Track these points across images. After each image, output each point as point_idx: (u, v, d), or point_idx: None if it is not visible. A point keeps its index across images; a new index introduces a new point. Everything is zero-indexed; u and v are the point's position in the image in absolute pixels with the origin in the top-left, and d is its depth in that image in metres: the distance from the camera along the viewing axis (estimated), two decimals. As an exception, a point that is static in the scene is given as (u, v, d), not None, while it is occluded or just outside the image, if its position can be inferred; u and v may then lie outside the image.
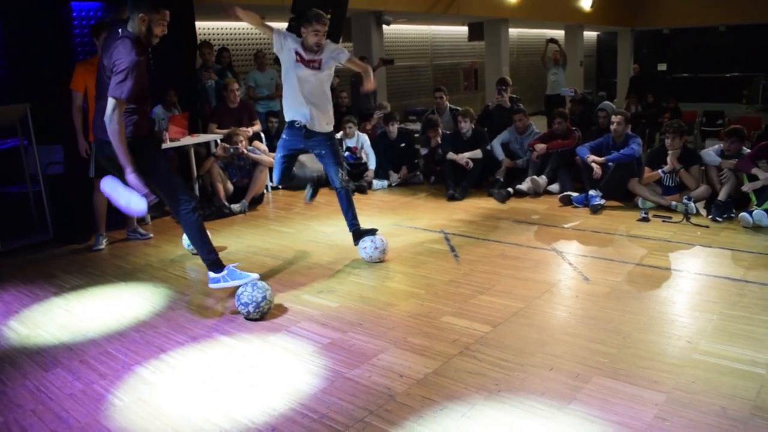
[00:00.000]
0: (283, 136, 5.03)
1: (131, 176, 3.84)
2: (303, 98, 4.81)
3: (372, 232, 5.16)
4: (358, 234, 5.17)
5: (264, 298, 3.95)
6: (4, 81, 6.40)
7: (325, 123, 4.97)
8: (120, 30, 3.86)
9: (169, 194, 4.11)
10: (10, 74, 6.38)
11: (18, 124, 5.95)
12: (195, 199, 4.24)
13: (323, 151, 5.01)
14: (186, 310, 4.24)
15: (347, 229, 5.28)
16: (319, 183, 5.42)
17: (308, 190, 5.52)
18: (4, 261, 5.57)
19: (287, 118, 4.97)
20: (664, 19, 19.29)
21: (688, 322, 3.70)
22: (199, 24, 8.70)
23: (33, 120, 5.87)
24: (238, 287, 4.05)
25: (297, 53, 4.78)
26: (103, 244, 5.83)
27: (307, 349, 3.54)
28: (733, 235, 5.45)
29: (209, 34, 10.92)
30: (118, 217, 5.94)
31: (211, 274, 4.23)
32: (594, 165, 6.63)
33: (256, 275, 4.25)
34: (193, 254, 5.21)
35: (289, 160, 5.11)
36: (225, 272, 4.22)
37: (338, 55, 4.85)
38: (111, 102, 3.75)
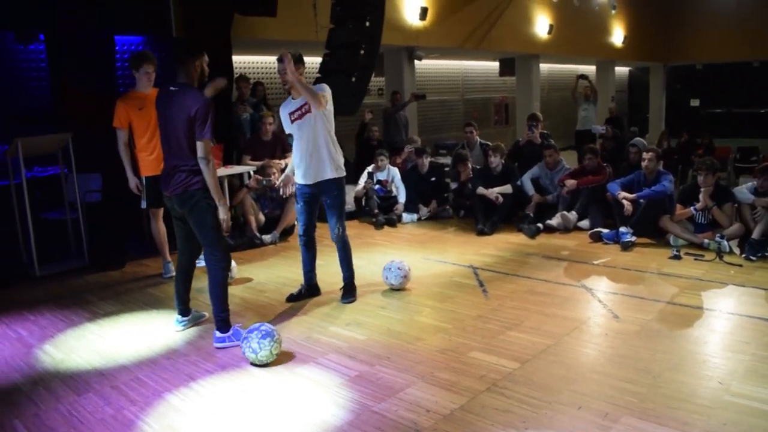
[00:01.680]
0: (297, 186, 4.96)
1: (222, 210, 4.08)
2: (303, 151, 4.78)
3: (350, 297, 5.03)
4: (346, 289, 5.08)
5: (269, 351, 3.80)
6: (49, 111, 6.63)
7: (330, 169, 4.82)
8: (174, 87, 4.07)
9: (209, 242, 4.14)
10: (53, 104, 6.61)
11: (60, 152, 6.16)
12: (229, 259, 4.29)
13: (329, 201, 4.89)
14: (216, 339, 4.30)
15: (377, 263, 5.32)
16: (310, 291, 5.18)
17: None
18: (41, 286, 5.73)
19: (298, 182, 4.93)
20: (697, 54, 19.22)
21: (719, 362, 3.64)
22: (235, 58, 8.94)
23: (74, 149, 6.06)
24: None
25: (289, 115, 4.82)
26: (173, 271, 5.59)
27: (334, 382, 3.56)
28: (767, 274, 5.36)
29: (245, 68, 11.19)
30: (150, 245, 6.07)
31: (218, 333, 4.17)
32: (625, 201, 6.59)
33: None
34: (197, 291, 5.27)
35: (310, 207, 4.96)
36: (231, 332, 4.17)
37: (318, 89, 4.74)
38: (201, 145, 3.96)
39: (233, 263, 5.32)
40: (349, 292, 5.07)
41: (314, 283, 5.18)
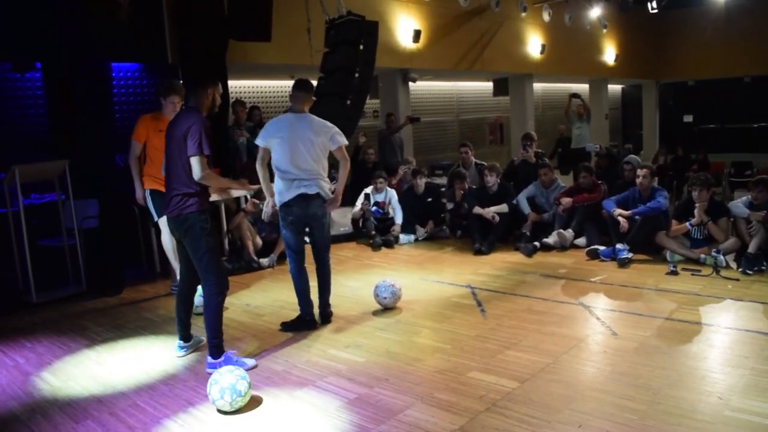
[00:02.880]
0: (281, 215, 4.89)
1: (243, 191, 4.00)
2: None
3: (310, 325, 4.93)
4: (322, 317, 5.06)
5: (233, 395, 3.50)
6: (46, 137, 6.67)
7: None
8: (180, 111, 4.19)
9: (203, 267, 4.11)
10: (51, 131, 6.65)
11: (57, 179, 6.18)
12: (225, 285, 4.20)
13: (318, 224, 4.88)
14: (214, 363, 4.28)
15: (373, 284, 5.39)
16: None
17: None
18: (38, 312, 5.71)
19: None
20: (689, 71, 19.37)
21: (719, 377, 3.64)
22: (231, 83, 9.00)
23: (71, 176, 6.08)
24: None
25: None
26: None
27: (333, 405, 3.55)
28: (764, 288, 5.37)
29: (241, 93, 11.26)
30: (147, 271, 6.07)
31: (210, 359, 4.13)
32: (621, 218, 6.62)
33: (253, 362, 4.17)
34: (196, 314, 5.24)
35: (297, 231, 4.88)
36: (222, 359, 4.10)
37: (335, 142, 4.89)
38: (195, 161, 3.94)
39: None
40: (324, 316, 5.07)
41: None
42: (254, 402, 3.63)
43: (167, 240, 5.68)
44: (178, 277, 5.89)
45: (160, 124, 5.53)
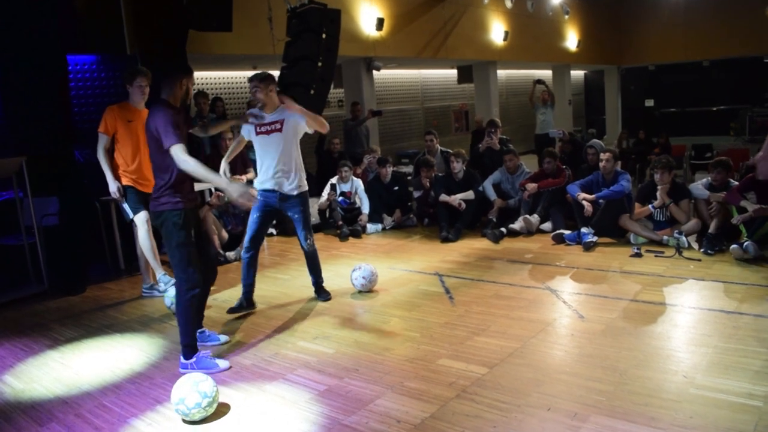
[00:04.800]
0: (258, 197, 5.00)
1: (232, 188, 3.90)
2: (268, 166, 4.96)
3: (327, 295, 5.36)
4: (318, 290, 5.41)
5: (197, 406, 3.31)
6: (1, 134, 6.48)
7: (294, 186, 5.02)
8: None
9: (175, 262, 4.00)
10: (6, 126, 6.46)
11: (14, 176, 6.01)
12: (195, 282, 4.01)
13: (296, 216, 5.09)
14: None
15: (343, 275, 5.39)
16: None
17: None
18: (-2, 315, 5.57)
19: (259, 188, 5.04)
20: (649, 56, 19.69)
21: (683, 356, 3.71)
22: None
23: (29, 172, 5.92)
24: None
25: (255, 126, 4.95)
26: (170, 280, 5.45)
27: (303, 397, 3.53)
28: (725, 267, 5.49)
29: (204, 84, 11.09)
30: (111, 268, 5.97)
31: (182, 359, 4.04)
32: (585, 202, 6.70)
33: (226, 364, 4.06)
34: (173, 313, 5.18)
35: (264, 220, 5.10)
36: (194, 359, 4.01)
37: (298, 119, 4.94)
38: (175, 150, 3.77)
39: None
40: (324, 291, 5.37)
41: (252, 297, 5.16)
42: (223, 397, 3.59)
43: (145, 237, 5.57)
44: (151, 279, 5.82)
45: (129, 114, 5.46)
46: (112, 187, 5.49)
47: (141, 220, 5.53)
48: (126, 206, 5.59)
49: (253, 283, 5.14)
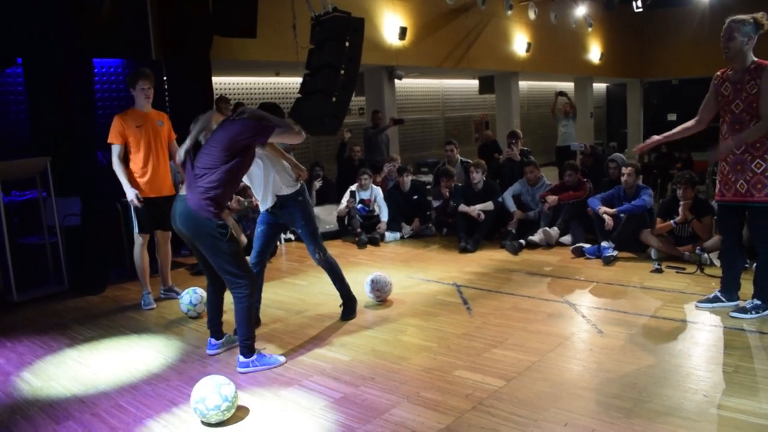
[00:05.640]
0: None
1: None
2: (257, 186, 4.68)
3: (349, 314, 5.05)
4: (344, 304, 5.10)
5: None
6: (26, 134, 6.57)
7: (279, 187, 4.66)
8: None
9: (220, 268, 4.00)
10: (31, 128, 6.55)
11: (38, 176, 6.09)
12: (255, 278, 4.09)
13: (300, 230, 4.79)
14: (198, 363, 4.24)
15: (360, 282, 5.41)
16: None
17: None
18: (19, 311, 5.63)
19: (262, 209, 4.82)
20: (672, 70, 19.51)
21: (704, 375, 3.65)
22: (215, 79, 8.93)
23: (52, 173, 6.00)
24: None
25: None
26: (153, 302, 5.62)
27: (318, 404, 3.52)
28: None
29: (225, 89, 11.18)
30: (131, 269, 5.99)
31: (241, 358, 4.07)
32: (606, 216, 6.65)
33: (283, 359, 4.15)
34: (190, 318, 5.23)
35: (270, 232, 4.83)
36: (254, 357, 4.07)
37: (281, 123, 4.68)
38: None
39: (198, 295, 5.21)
40: (347, 309, 5.06)
41: (257, 314, 4.92)
42: (239, 402, 3.60)
43: (139, 256, 5.58)
44: (169, 281, 5.85)
45: (137, 118, 5.41)
46: (130, 195, 5.37)
47: (139, 241, 5.57)
48: (135, 217, 5.50)
49: (259, 299, 4.83)
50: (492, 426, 3.16)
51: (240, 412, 3.47)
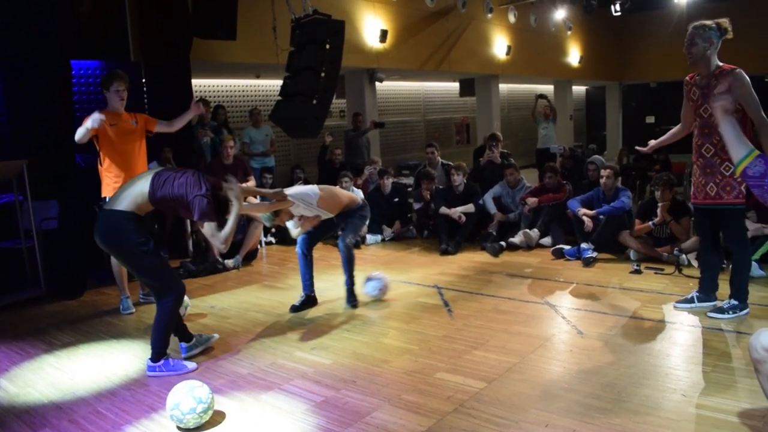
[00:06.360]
0: None
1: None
2: None
3: (352, 303, 5.40)
4: (348, 293, 5.46)
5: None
6: (2, 136, 6.48)
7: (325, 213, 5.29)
8: None
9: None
10: (8, 130, 6.46)
11: (14, 179, 6.01)
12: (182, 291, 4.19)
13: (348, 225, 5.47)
14: (178, 367, 4.20)
15: (341, 285, 5.42)
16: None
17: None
18: (-5, 318, 5.54)
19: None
20: (651, 73, 19.72)
21: (683, 375, 3.69)
22: (195, 82, 8.87)
23: (29, 175, 5.91)
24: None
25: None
26: (132, 307, 5.56)
27: (299, 408, 3.51)
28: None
29: (206, 92, 11.11)
30: (109, 273, 5.94)
31: (150, 362, 4.08)
32: (585, 218, 6.70)
33: (193, 365, 4.14)
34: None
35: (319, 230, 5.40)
36: (161, 362, 4.08)
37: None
38: None
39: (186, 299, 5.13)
40: (352, 296, 5.42)
41: (313, 294, 5.46)
42: (218, 406, 3.57)
43: (116, 262, 5.47)
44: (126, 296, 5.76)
45: (110, 118, 5.22)
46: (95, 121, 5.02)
47: None
48: None
49: (311, 277, 5.44)
50: (473, 428, 3.17)
51: (218, 417, 3.44)
